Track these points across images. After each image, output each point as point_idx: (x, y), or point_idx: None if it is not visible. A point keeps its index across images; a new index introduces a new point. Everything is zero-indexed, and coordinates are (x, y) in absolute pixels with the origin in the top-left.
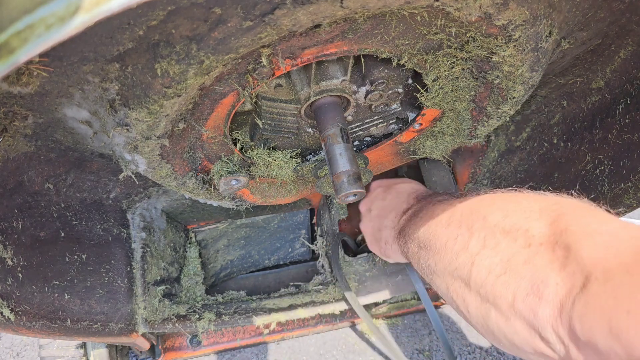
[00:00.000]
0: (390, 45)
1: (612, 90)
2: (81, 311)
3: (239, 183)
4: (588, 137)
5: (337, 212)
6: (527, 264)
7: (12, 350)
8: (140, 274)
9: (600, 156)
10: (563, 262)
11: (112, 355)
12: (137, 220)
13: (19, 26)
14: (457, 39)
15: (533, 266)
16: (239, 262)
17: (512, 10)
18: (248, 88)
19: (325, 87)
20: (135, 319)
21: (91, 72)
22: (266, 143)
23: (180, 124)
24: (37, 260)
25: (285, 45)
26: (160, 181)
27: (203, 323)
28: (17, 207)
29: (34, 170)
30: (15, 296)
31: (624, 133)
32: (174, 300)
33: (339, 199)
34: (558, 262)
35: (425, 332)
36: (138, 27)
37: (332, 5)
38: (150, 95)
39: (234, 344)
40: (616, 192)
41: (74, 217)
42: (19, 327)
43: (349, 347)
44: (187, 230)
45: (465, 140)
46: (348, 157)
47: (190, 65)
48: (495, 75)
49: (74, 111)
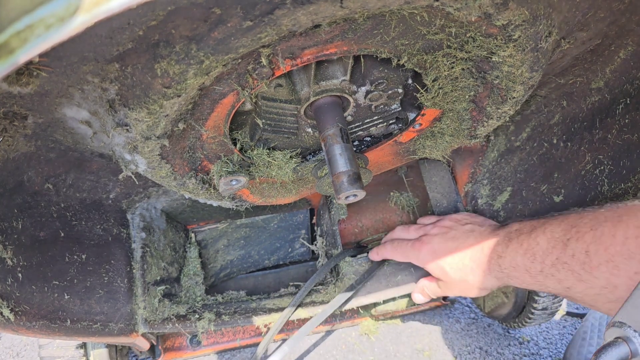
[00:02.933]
0: (390, 45)
1: (612, 90)
2: (81, 311)
3: (239, 183)
4: (588, 137)
5: (337, 212)
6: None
7: (12, 350)
8: (140, 274)
9: (600, 156)
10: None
11: (112, 355)
12: (137, 220)
13: (18, 26)
14: (457, 39)
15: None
16: (238, 262)
17: (512, 11)
18: (248, 88)
19: (325, 87)
20: (135, 319)
21: (91, 72)
22: (266, 143)
23: (180, 124)
24: (36, 260)
25: (285, 45)
26: (160, 181)
27: (203, 323)
28: (17, 207)
29: (33, 171)
30: (15, 296)
31: (623, 133)
32: (173, 300)
33: (338, 199)
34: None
35: (425, 332)
36: (138, 27)
37: (332, 6)
38: (150, 95)
39: (234, 344)
40: (616, 192)
41: (73, 217)
42: (19, 327)
43: (349, 347)
44: (187, 230)
45: (465, 140)
46: (348, 157)
47: (190, 65)
48: (495, 76)
49: (74, 111)
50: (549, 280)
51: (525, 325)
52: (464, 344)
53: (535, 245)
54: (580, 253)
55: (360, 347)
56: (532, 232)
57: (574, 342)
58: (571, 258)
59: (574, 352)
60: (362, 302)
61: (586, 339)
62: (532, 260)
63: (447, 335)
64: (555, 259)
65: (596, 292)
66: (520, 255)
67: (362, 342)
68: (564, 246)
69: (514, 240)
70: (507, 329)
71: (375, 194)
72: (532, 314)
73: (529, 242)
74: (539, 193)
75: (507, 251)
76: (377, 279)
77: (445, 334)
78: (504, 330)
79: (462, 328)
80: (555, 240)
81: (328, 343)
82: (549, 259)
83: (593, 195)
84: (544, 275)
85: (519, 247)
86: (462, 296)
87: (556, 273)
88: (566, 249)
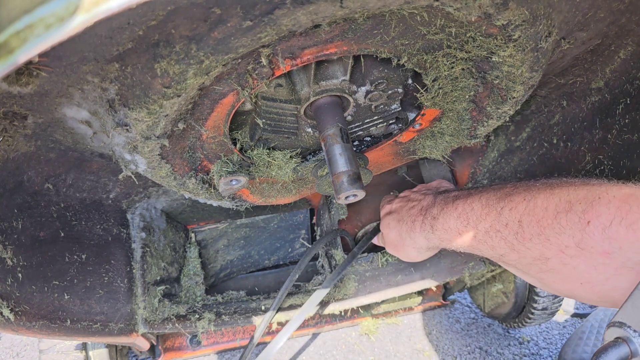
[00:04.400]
0: (390, 45)
1: (612, 90)
2: (81, 311)
3: (239, 183)
4: (588, 137)
5: (337, 212)
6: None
7: (12, 350)
8: (140, 274)
9: (600, 156)
10: None
11: (112, 355)
12: (136, 220)
13: (18, 26)
14: (457, 39)
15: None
16: (238, 262)
17: (511, 11)
18: (248, 88)
19: (325, 87)
20: (135, 319)
21: (91, 72)
22: (266, 143)
23: (180, 124)
24: (36, 260)
25: (285, 45)
26: (160, 181)
27: (203, 323)
28: (17, 207)
29: (33, 170)
30: (15, 296)
31: (623, 133)
32: (173, 300)
33: (338, 199)
34: None
35: (425, 332)
36: (137, 27)
37: (332, 5)
38: (150, 95)
39: (233, 344)
40: None
41: (73, 217)
42: (19, 327)
43: (349, 347)
44: (187, 230)
45: (465, 140)
46: (348, 157)
47: (189, 65)
48: (495, 76)
49: (74, 111)
50: (482, 246)
51: (525, 325)
52: (464, 344)
53: (470, 210)
54: (513, 223)
55: (360, 347)
56: (469, 197)
57: (570, 340)
58: (504, 227)
59: (569, 351)
60: (362, 302)
61: (583, 339)
62: (466, 225)
63: (447, 335)
64: (489, 226)
65: (529, 262)
66: (453, 218)
67: (362, 342)
68: (498, 214)
69: (449, 203)
70: (507, 329)
71: (375, 194)
72: (532, 314)
73: (463, 207)
74: None
75: (441, 213)
76: (377, 279)
77: (445, 334)
78: (504, 330)
79: (462, 328)
80: (489, 207)
81: (328, 343)
82: (482, 225)
83: None
84: (477, 240)
85: (454, 210)
86: (400, 257)
87: (489, 240)
88: (500, 217)
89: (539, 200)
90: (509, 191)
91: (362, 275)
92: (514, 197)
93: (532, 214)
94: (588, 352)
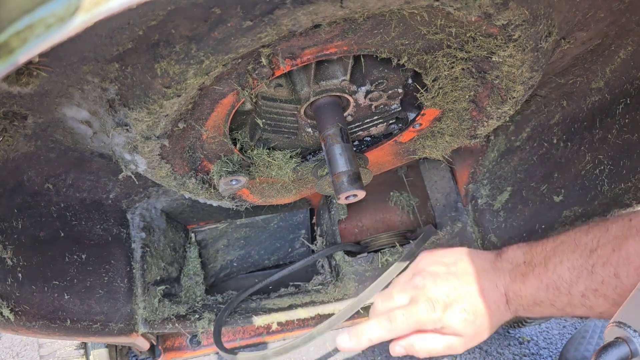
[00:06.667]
0: (390, 45)
1: (612, 90)
2: (81, 311)
3: (239, 183)
4: (588, 137)
5: (337, 212)
6: None
7: (12, 350)
8: (140, 274)
9: (600, 156)
10: None
11: (112, 355)
12: (136, 220)
13: (18, 26)
14: (457, 39)
15: None
16: (238, 262)
17: (511, 10)
18: (248, 88)
19: (325, 87)
20: (135, 319)
21: (91, 72)
22: (266, 143)
23: (180, 123)
24: (36, 260)
25: (285, 45)
26: (160, 181)
27: (203, 323)
28: (17, 207)
29: (33, 170)
30: (15, 296)
31: (623, 133)
32: (173, 300)
33: (338, 199)
34: None
35: None
36: (138, 27)
37: (332, 5)
38: (150, 95)
39: (233, 344)
40: (616, 192)
41: (73, 217)
42: (19, 327)
43: None
44: (187, 230)
45: (465, 140)
46: (348, 157)
47: (190, 65)
48: (495, 75)
49: (74, 111)
50: (579, 310)
51: (525, 325)
52: None
53: (557, 278)
54: (609, 277)
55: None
56: (547, 263)
57: (573, 339)
58: (601, 284)
59: (571, 349)
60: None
61: (586, 338)
62: (558, 294)
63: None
64: (584, 289)
65: None
66: (542, 291)
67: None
68: (590, 273)
69: (529, 275)
70: (507, 329)
71: (375, 194)
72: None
73: (548, 276)
74: (539, 193)
75: (525, 289)
76: (377, 278)
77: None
78: (504, 330)
79: None
80: (578, 270)
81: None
82: (576, 290)
83: (593, 195)
84: (572, 306)
85: (539, 283)
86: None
87: (586, 302)
88: (593, 275)
89: (631, 247)
90: (590, 244)
91: (362, 275)
92: (599, 250)
93: (628, 262)
94: (591, 350)
